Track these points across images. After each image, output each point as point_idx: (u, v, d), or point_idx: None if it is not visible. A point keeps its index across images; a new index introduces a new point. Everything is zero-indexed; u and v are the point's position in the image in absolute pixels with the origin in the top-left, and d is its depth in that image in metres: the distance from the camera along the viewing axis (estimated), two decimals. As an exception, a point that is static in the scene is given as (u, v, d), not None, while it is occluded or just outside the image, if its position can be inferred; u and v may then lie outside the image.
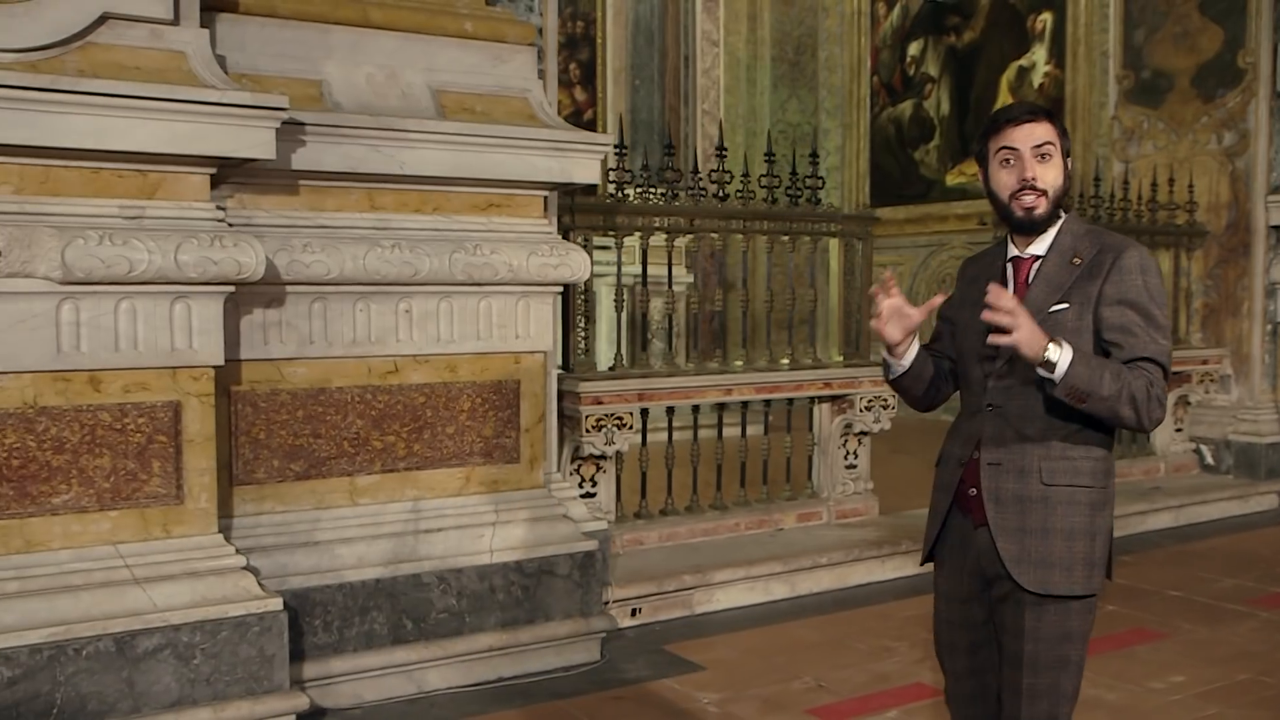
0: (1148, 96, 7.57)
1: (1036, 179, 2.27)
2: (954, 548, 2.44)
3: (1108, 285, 2.26)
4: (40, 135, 3.08)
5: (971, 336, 2.40)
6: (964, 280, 2.53)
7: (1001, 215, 2.35)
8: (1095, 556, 2.31)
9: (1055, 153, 2.29)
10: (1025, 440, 2.30)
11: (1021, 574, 2.28)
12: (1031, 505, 2.29)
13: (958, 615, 2.45)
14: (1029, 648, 2.31)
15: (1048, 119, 2.31)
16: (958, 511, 2.41)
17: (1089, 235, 2.34)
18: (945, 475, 2.45)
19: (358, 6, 3.90)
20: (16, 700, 3.08)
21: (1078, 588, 2.28)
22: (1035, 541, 2.28)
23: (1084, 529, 2.29)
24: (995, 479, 2.32)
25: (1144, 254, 2.30)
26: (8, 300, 3.15)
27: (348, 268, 3.76)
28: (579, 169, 4.14)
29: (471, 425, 4.11)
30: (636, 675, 4.13)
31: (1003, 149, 2.30)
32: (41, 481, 3.24)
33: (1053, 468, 2.29)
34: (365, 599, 3.82)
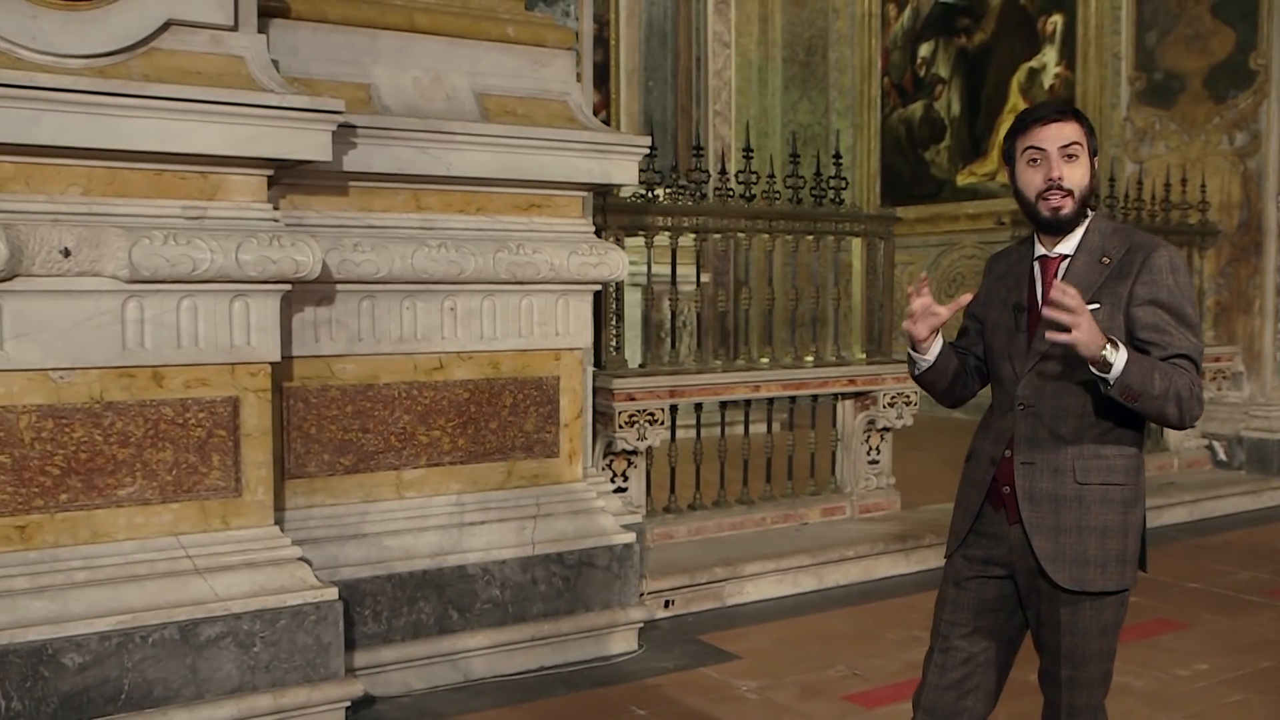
0: (1160, 98, 7.67)
1: (1063, 179, 2.27)
2: (981, 539, 2.45)
3: (1139, 286, 2.27)
4: (108, 138, 3.18)
5: (1000, 334, 2.43)
6: (991, 278, 2.54)
7: (1028, 214, 2.36)
8: (1128, 552, 2.34)
9: (1082, 153, 2.30)
10: (1059, 439, 2.32)
11: (1057, 572, 2.30)
12: (1066, 504, 2.31)
13: (968, 599, 2.46)
14: (1067, 641, 2.34)
15: (1075, 119, 2.32)
16: (989, 508, 2.43)
17: (1117, 234, 2.35)
18: (977, 472, 2.46)
19: (404, 12, 4.00)
20: (87, 686, 3.18)
21: (1111, 584, 2.32)
22: (1070, 540, 2.30)
23: (1118, 526, 2.32)
24: (1029, 478, 2.34)
25: (1173, 253, 2.32)
26: (76, 298, 3.25)
27: (396, 267, 3.86)
28: (618, 170, 4.24)
29: (513, 420, 4.21)
30: (674, 664, 4.23)
31: (1030, 148, 2.31)
32: (108, 474, 3.34)
33: (1086, 466, 2.31)
34: (413, 589, 3.92)
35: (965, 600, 2.46)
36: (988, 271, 2.56)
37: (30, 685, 3.11)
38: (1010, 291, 2.44)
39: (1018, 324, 2.39)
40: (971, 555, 2.45)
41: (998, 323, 2.45)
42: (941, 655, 2.48)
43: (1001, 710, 2.73)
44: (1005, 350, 2.41)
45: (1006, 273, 2.48)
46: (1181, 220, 7.31)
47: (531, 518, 4.19)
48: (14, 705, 3.10)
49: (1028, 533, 2.33)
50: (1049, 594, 2.34)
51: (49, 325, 3.22)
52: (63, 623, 3.17)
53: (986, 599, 2.44)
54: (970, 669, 2.46)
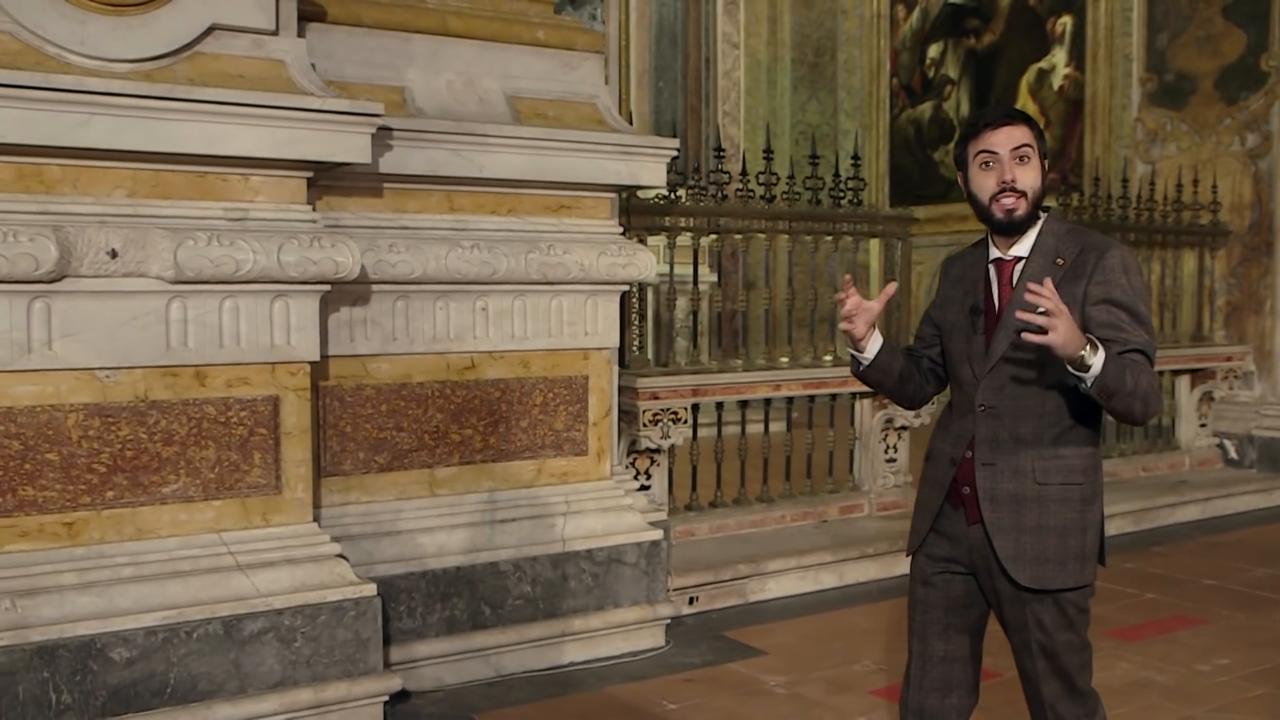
0: (1171, 99, 7.73)
1: (1016, 180, 2.32)
2: (942, 539, 2.48)
3: (1092, 285, 2.31)
4: (156, 141, 3.23)
5: (959, 337, 2.46)
6: (947, 280, 2.56)
7: (982, 218, 2.40)
8: (1087, 549, 2.38)
9: (1034, 155, 2.34)
10: (1019, 440, 2.36)
11: (1018, 571, 2.34)
12: (1027, 504, 2.35)
13: (937, 597, 2.49)
14: (1037, 636, 2.39)
15: (1025, 122, 2.36)
16: (949, 508, 2.47)
17: (1070, 235, 2.39)
18: (936, 472, 2.49)
19: (437, 16, 4.05)
20: (135, 680, 3.23)
21: (1071, 580, 2.35)
22: (1030, 539, 2.34)
23: (1076, 524, 2.36)
24: (991, 479, 2.37)
25: (1125, 253, 2.36)
26: (122, 299, 3.30)
27: (430, 267, 3.91)
28: (646, 172, 4.29)
29: (543, 419, 4.26)
30: (702, 660, 4.28)
31: (982, 152, 2.35)
32: (152, 472, 3.39)
33: (1046, 467, 2.35)
34: (446, 586, 3.97)
35: (934, 599, 2.50)
36: (943, 274, 2.59)
37: (79, 679, 3.16)
38: (967, 294, 2.47)
39: (975, 327, 2.43)
40: (934, 554, 2.49)
41: (955, 325, 2.48)
42: (920, 658, 2.53)
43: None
44: (964, 353, 2.44)
45: (962, 275, 2.51)
46: (1193, 221, 7.37)
47: (562, 515, 4.24)
48: (64, 699, 3.15)
49: (989, 533, 2.36)
50: (1011, 594, 2.38)
51: (96, 325, 3.27)
52: (110, 618, 3.22)
53: (954, 596, 2.48)
54: (949, 667, 2.51)
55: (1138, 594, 5.18)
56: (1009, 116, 2.36)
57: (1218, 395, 7.41)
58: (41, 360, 3.22)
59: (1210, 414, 7.47)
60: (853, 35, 11.42)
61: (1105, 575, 5.36)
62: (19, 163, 3.17)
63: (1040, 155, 2.36)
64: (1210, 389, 7.34)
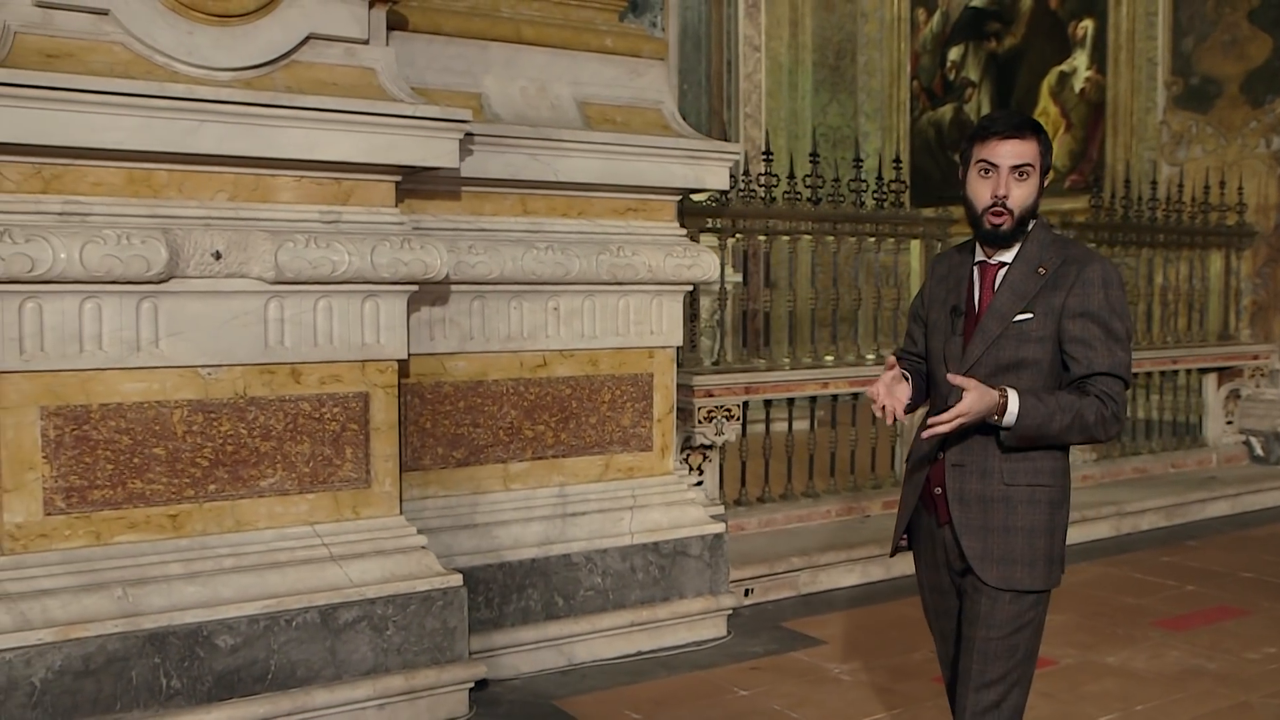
0: (1196, 102, 7.87)
1: (1008, 198, 2.32)
2: (924, 543, 2.55)
3: (1070, 298, 2.33)
4: (260, 147, 3.35)
5: (938, 336, 2.49)
6: (934, 279, 2.59)
7: (972, 222, 2.42)
8: (1055, 552, 2.41)
9: (1033, 173, 2.34)
10: (988, 442, 2.37)
11: (985, 570, 2.37)
12: (994, 505, 2.38)
13: (942, 605, 2.56)
14: (982, 633, 2.40)
15: (1034, 136, 2.35)
16: (923, 509, 2.51)
17: (1055, 245, 2.41)
18: (915, 473, 2.54)
19: (511, 24, 4.17)
20: (238, 666, 3.36)
21: (1039, 583, 2.39)
22: (998, 539, 2.37)
23: (1044, 526, 2.39)
24: (959, 479, 2.40)
25: (1107, 266, 2.37)
26: (225, 298, 3.42)
27: (507, 268, 4.03)
28: (710, 176, 4.42)
29: (611, 416, 4.39)
30: (764, 649, 4.41)
31: (983, 160, 2.35)
32: (251, 466, 3.51)
33: (1014, 468, 2.37)
34: (522, 577, 4.10)
35: (944, 607, 2.55)
36: (931, 272, 2.62)
37: (188, 665, 3.29)
38: (950, 294, 2.50)
39: (954, 327, 2.45)
40: (927, 561, 2.55)
41: (936, 324, 2.51)
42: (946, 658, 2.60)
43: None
44: (942, 353, 2.48)
45: (948, 275, 2.54)
46: (1219, 222, 7.50)
47: (629, 509, 4.37)
48: (173, 684, 3.27)
49: (956, 533, 2.40)
50: (973, 591, 2.42)
51: (199, 324, 3.39)
52: (214, 606, 3.35)
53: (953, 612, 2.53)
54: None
55: (1178, 586, 5.31)
56: (1018, 129, 2.35)
57: (1244, 393, 7.55)
58: (149, 358, 3.34)
59: (1236, 411, 7.61)
60: (873, 38, 11.56)
61: (1144, 568, 5.58)
62: (129, 168, 3.29)
63: (1041, 171, 2.37)
64: (1236, 387, 7.48)
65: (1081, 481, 6.72)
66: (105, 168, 3.26)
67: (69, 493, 3.27)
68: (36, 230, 3.11)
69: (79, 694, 3.15)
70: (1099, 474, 6.84)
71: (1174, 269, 7.33)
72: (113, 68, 3.23)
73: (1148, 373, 7.13)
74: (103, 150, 3.20)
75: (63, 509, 3.26)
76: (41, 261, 3.09)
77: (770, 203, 5.51)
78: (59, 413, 3.24)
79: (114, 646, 3.19)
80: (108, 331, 3.27)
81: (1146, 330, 7.23)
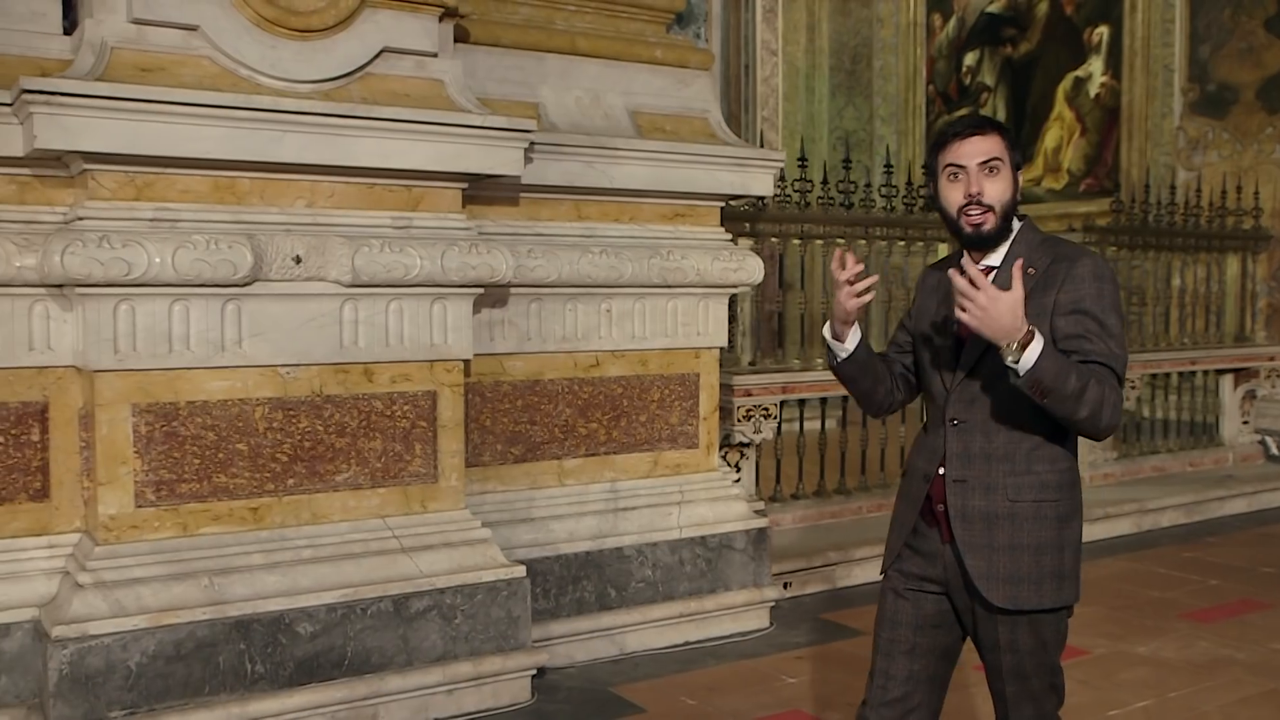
0: (1212, 108, 8.03)
1: (983, 194, 2.26)
2: (917, 556, 2.41)
3: (1062, 294, 2.24)
4: (339, 156, 3.51)
5: (930, 348, 2.41)
6: (923, 291, 2.51)
7: (952, 230, 2.35)
8: (1065, 568, 2.30)
9: (1004, 167, 2.27)
10: (990, 455, 2.28)
11: (991, 591, 2.26)
12: (999, 522, 2.27)
13: (906, 614, 2.41)
14: (1009, 659, 2.31)
15: (996, 132, 2.29)
16: (924, 525, 2.39)
17: (1043, 245, 2.33)
18: (911, 488, 2.43)
19: (566, 36, 4.33)
20: (317, 652, 3.51)
21: (1048, 601, 2.28)
22: (1003, 558, 2.26)
23: (1052, 542, 2.29)
24: (961, 496, 2.29)
25: (1098, 262, 2.28)
26: (302, 301, 3.57)
27: (564, 272, 4.19)
28: (756, 182, 4.58)
29: (660, 414, 4.54)
30: (807, 639, 4.57)
31: (950, 165, 2.29)
32: (327, 461, 3.67)
33: (1019, 483, 2.27)
34: (577, 569, 4.25)
35: (903, 617, 2.41)
36: (920, 285, 2.54)
37: (270, 651, 3.44)
38: (940, 305, 2.41)
39: (946, 338, 2.37)
40: (907, 571, 2.42)
41: (927, 336, 2.43)
42: (883, 675, 2.44)
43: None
44: (935, 364, 2.40)
45: (937, 285, 2.45)
46: (1236, 226, 7.66)
47: (676, 504, 4.52)
48: (257, 669, 3.43)
49: (960, 552, 2.29)
50: (984, 615, 2.31)
51: (280, 325, 3.55)
52: (294, 595, 3.50)
53: (925, 615, 2.40)
54: (911, 687, 2.41)
55: (1201, 580, 5.46)
56: (977, 127, 2.29)
57: (1259, 393, 7.71)
58: (233, 358, 3.49)
59: (1252, 411, 7.77)
60: (889, 43, 11.72)
61: (1167, 563, 5.74)
62: (215, 176, 3.45)
63: (1012, 166, 2.30)
64: (1252, 388, 7.64)
65: (1103, 479, 6.89)
66: (192, 176, 3.42)
67: (158, 486, 3.42)
68: (131, 235, 3.27)
69: (170, 678, 3.30)
70: (1119, 472, 6.99)
71: (1191, 272, 7.49)
72: (201, 80, 3.38)
73: (1166, 373, 7.29)
74: (191, 159, 3.35)
75: (152, 501, 3.42)
76: (137, 265, 3.25)
77: (804, 207, 5.67)
78: (149, 410, 3.40)
79: (203, 633, 3.34)
80: (195, 332, 3.42)
81: (1165, 332, 7.39)
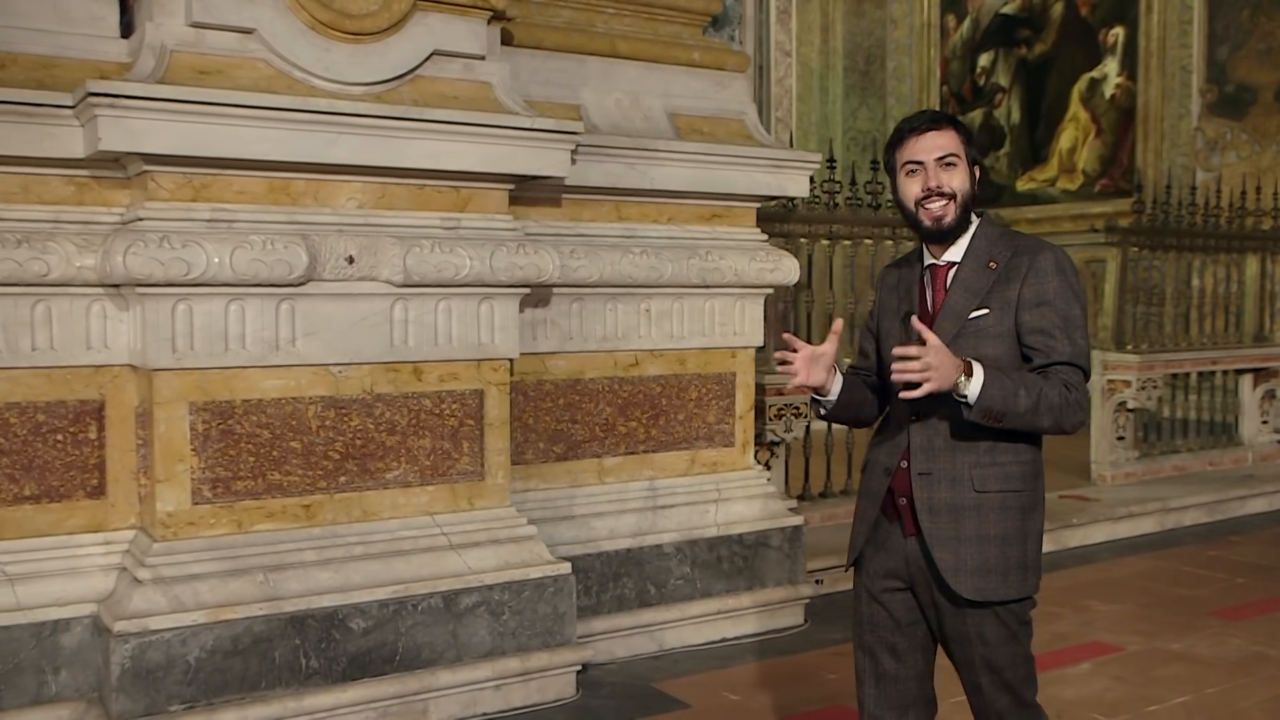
0: (1231, 109, 8.08)
1: (942, 185, 2.27)
2: (879, 552, 2.42)
3: (1025, 288, 2.26)
4: (389, 157, 3.55)
5: (893, 344, 2.35)
6: (884, 289, 2.52)
7: (912, 225, 2.36)
8: (1029, 559, 2.32)
9: (960, 161, 2.29)
10: (954, 448, 2.29)
11: (960, 583, 2.27)
12: (965, 513, 2.28)
13: (883, 616, 2.43)
14: (980, 651, 2.32)
15: (951, 127, 2.31)
16: (885, 520, 2.40)
17: (1004, 239, 2.34)
18: (872, 483, 2.42)
19: (607, 39, 4.37)
20: (370, 647, 3.56)
21: (1014, 592, 2.30)
22: (970, 549, 2.28)
23: (1016, 533, 2.30)
24: (928, 489, 2.30)
25: (1060, 255, 2.29)
26: (355, 300, 3.62)
27: (605, 272, 4.23)
28: (792, 183, 4.62)
29: (698, 413, 4.59)
30: (843, 636, 4.60)
31: (907, 162, 2.31)
32: (378, 459, 3.71)
33: (984, 475, 2.28)
34: (617, 566, 4.30)
35: (880, 618, 2.43)
36: (881, 283, 2.56)
37: (324, 646, 3.49)
38: (902, 301, 2.44)
39: (909, 334, 2.33)
40: (873, 570, 2.43)
41: (890, 332, 2.44)
42: (874, 679, 2.47)
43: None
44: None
45: (898, 283, 2.48)
46: (1255, 226, 7.71)
47: (714, 502, 4.57)
48: (312, 664, 3.47)
49: (928, 545, 2.30)
50: (950, 607, 2.32)
51: (332, 325, 3.59)
52: (347, 591, 3.55)
53: (899, 613, 2.41)
54: (904, 685, 2.44)
55: (1228, 579, 5.51)
56: (933, 122, 2.31)
57: (1279, 393, 7.75)
58: (286, 357, 3.54)
59: (1271, 411, 7.81)
60: (902, 44, 11.76)
61: (1192, 561, 5.78)
62: (270, 177, 3.49)
63: (968, 160, 2.31)
64: (1272, 387, 7.69)
65: (1125, 478, 6.94)
66: (248, 176, 3.46)
67: (215, 483, 3.47)
68: (190, 236, 3.31)
69: (228, 672, 3.35)
70: (1140, 471, 7.04)
71: (1211, 272, 7.53)
72: (256, 83, 3.42)
73: (1186, 373, 7.33)
74: (247, 160, 3.40)
75: (209, 498, 3.46)
76: (196, 265, 3.29)
77: (833, 208, 5.71)
78: (206, 408, 3.44)
79: (259, 628, 3.39)
80: (250, 332, 3.47)
81: (1185, 332, 7.44)
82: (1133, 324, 7.04)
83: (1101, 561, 5.82)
